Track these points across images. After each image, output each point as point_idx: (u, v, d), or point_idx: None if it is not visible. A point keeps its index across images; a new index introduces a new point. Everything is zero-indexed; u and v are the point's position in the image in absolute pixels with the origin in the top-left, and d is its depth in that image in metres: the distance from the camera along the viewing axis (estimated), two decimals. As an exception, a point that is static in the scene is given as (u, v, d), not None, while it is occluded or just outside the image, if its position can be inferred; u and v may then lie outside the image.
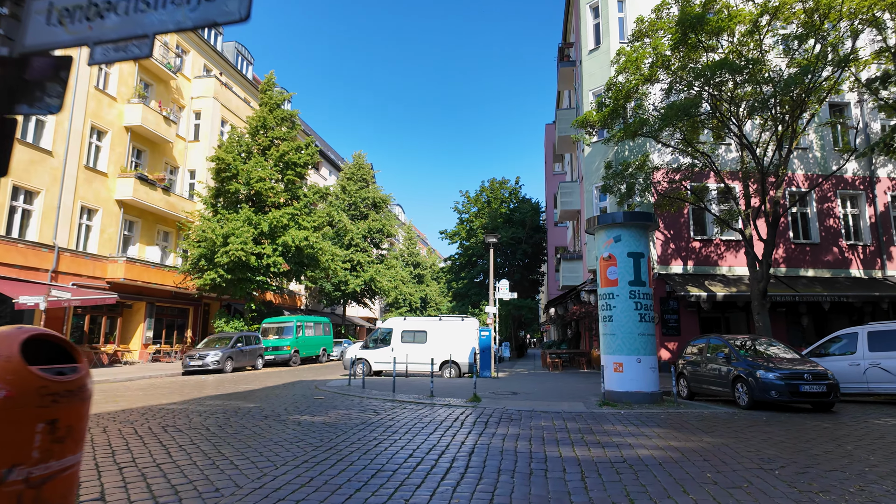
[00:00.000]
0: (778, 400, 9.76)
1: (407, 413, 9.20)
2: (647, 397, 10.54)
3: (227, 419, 8.40)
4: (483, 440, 6.80)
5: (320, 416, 8.73)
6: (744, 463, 5.66)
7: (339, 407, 9.96)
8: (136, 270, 23.35)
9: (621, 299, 10.93)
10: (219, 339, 21.92)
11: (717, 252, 19.19)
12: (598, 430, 7.64)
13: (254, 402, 10.65)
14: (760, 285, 14.98)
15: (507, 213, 37.62)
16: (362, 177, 41.92)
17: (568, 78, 27.21)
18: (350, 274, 36.71)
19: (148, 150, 25.80)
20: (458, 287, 39.50)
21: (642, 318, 10.85)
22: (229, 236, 23.04)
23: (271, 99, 27.58)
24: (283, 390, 13.38)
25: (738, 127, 14.52)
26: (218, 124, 29.58)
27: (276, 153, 26.40)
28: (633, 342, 10.71)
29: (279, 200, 26.43)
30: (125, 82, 24.25)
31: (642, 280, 11.02)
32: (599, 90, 19.34)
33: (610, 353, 10.93)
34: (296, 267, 26.62)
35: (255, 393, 12.67)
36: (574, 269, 24.52)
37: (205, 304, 29.36)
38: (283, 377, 18.20)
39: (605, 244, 11.34)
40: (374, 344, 18.84)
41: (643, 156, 16.08)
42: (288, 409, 9.70)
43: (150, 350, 24.99)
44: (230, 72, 33.05)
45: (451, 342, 18.07)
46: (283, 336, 25.64)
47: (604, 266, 11.30)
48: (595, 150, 19.89)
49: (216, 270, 23.44)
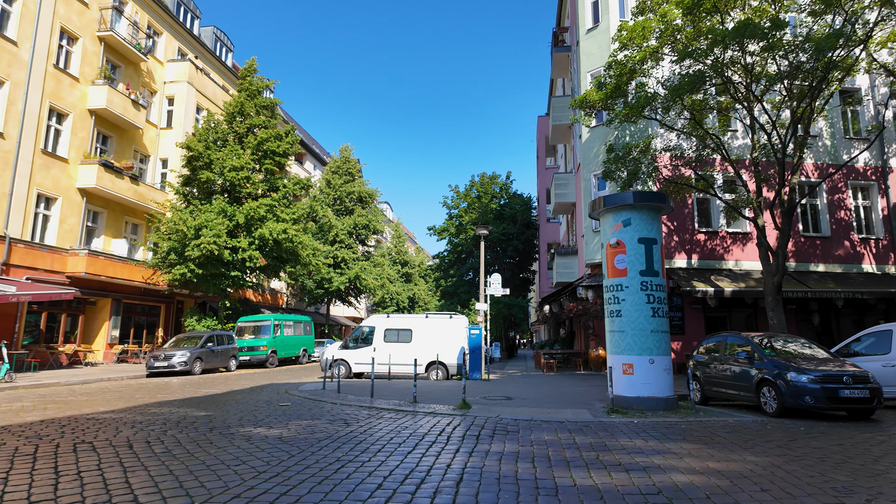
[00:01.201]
0: (813, 407, 8.46)
1: (384, 424, 7.76)
2: (661, 403, 9.20)
3: (163, 433, 6.92)
4: (475, 461, 5.39)
5: (278, 429, 7.26)
6: (815, 494, 4.32)
7: (305, 416, 8.50)
8: (100, 264, 21.64)
9: (631, 291, 9.58)
10: (188, 338, 20.31)
11: (723, 245, 17.97)
12: (615, 445, 6.27)
13: (207, 410, 9.15)
14: (775, 279, 13.76)
15: (498, 208, 36.27)
16: (348, 171, 40.33)
17: (562, 64, 25.91)
18: (334, 271, 35.11)
19: (115, 137, 24.07)
20: (446, 285, 38.07)
21: (655, 313, 9.51)
22: (201, 228, 21.42)
23: (251, 85, 25.95)
24: (248, 395, 11.87)
25: (757, 102, 13.23)
26: (193, 111, 27.89)
27: (254, 141, 24.81)
28: (645, 340, 9.37)
29: (257, 191, 24.83)
30: (89, 62, 22.53)
31: (655, 269, 9.69)
32: (598, 70, 18.05)
33: (618, 353, 9.58)
34: (274, 262, 25.02)
35: (215, 398, 11.16)
36: (569, 265, 23.23)
37: (178, 301, 27.65)
38: (254, 380, 16.66)
39: (612, 229, 9.98)
40: (354, 343, 17.35)
41: (647, 138, 14.77)
42: (243, 418, 8.22)
43: (115, 350, 23.27)
44: (207, 57, 31.35)
45: (439, 342, 16.65)
46: (260, 336, 24.05)
47: (611, 254, 9.95)
48: (594, 135, 18.57)
49: (187, 265, 21.80)
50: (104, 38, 23.08)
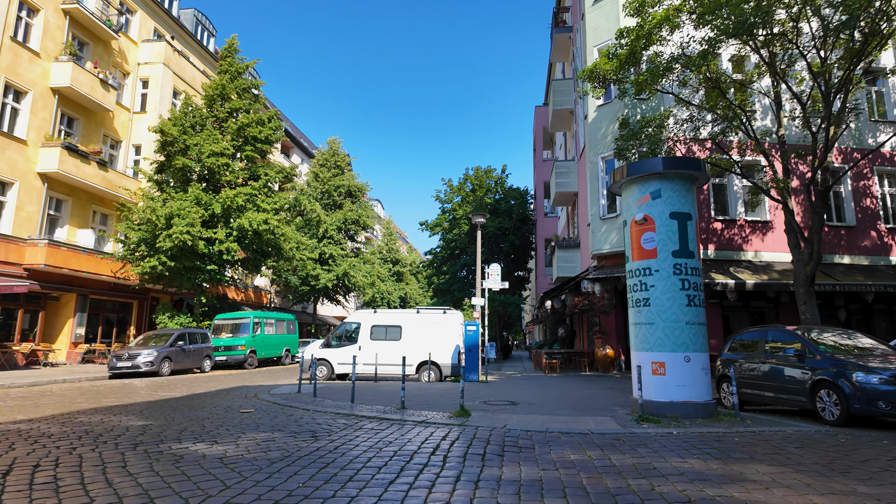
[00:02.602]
0: (888, 414, 6.95)
1: (362, 437, 6.14)
2: (699, 409, 7.64)
3: (72, 450, 5.26)
4: (484, 497, 3.79)
5: (224, 445, 5.62)
6: None
7: (266, 427, 6.86)
8: (62, 256, 19.82)
9: (662, 276, 8.03)
10: (156, 336, 18.56)
11: (741, 234, 16.51)
12: (667, 468, 4.69)
13: (148, 419, 7.47)
14: (808, 268, 12.28)
15: (493, 203, 34.67)
16: (336, 164, 38.59)
17: (563, 47, 24.43)
18: (321, 268, 33.35)
19: (82, 119, 22.25)
20: (439, 283, 36.39)
21: (691, 301, 7.96)
22: (172, 217, 19.67)
23: (231, 66, 24.24)
24: (209, 400, 10.19)
25: (790, 67, 11.75)
26: (169, 95, 26.10)
27: (234, 126, 23.09)
28: (680, 333, 7.81)
29: (237, 180, 23.10)
30: (51, 37, 20.72)
31: (690, 250, 8.14)
32: (606, 44, 16.53)
33: (646, 350, 8.01)
34: (254, 255, 23.30)
35: (168, 404, 9.47)
36: (570, 259, 21.70)
37: (152, 298, 25.83)
38: (225, 382, 14.96)
39: (638, 202, 8.42)
40: (337, 341, 15.67)
41: (665, 111, 13.25)
42: (187, 430, 6.57)
43: (80, 349, 21.44)
44: (187, 40, 29.56)
45: (431, 339, 15.03)
46: (238, 334, 22.29)
47: (636, 232, 8.39)
48: (601, 114, 17.04)
49: (157, 257, 20.06)
50: (69, 12, 21.28)
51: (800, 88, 14.00)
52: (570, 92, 22.64)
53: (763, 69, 13.30)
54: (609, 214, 16.44)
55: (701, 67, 11.88)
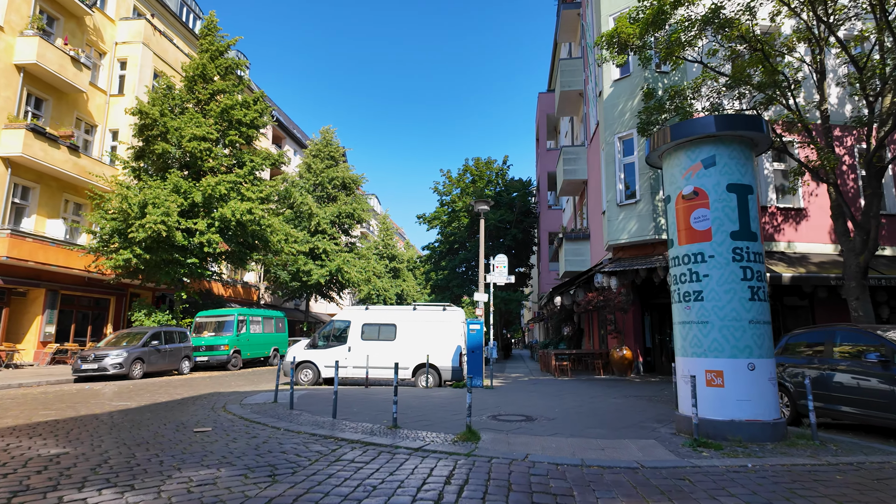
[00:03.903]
0: None
1: (336, 479, 4.54)
2: (767, 431, 6.07)
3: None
4: None
5: (141, 495, 4.01)
6: None
7: (216, 457, 5.25)
8: (28, 248, 18.16)
9: (718, 263, 6.45)
10: (129, 335, 16.94)
11: (772, 223, 14.93)
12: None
13: (67, 446, 5.85)
14: (861, 259, 10.74)
15: (494, 195, 33.04)
16: (330, 154, 36.86)
17: (571, 25, 22.79)
18: (313, 263, 31.68)
19: (51, 100, 20.55)
20: (437, 279, 34.80)
21: (754, 295, 6.39)
22: (147, 206, 18.01)
23: (212, 45, 22.55)
24: (165, 413, 8.57)
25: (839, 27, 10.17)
26: (149, 77, 24.38)
27: (217, 109, 21.42)
28: (742, 335, 6.24)
29: (220, 167, 21.43)
30: (16, 9, 19.00)
31: (752, 231, 6.57)
32: (623, 11, 14.90)
33: (698, 355, 6.43)
34: (238, 248, 21.66)
35: (113, 419, 7.85)
36: (580, 252, 20.12)
37: (132, 293, 24.17)
38: (199, 387, 13.35)
39: (686, 173, 6.83)
40: (324, 342, 14.04)
41: (698, 77, 11.63)
42: (106, 465, 4.95)
43: (49, 349, 19.78)
44: (170, 20, 27.83)
45: (430, 339, 13.43)
46: (222, 333, 20.68)
47: (684, 209, 6.80)
48: (618, 89, 15.41)
49: (131, 249, 18.40)
50: (36, -18, 19.58)
51: (840, 59, 12.41)
52: (578, 72, 21.02)
53: (805, 33, 11.71)
54: (627, 201, 14.84)
55: (742, 27, 10.28)
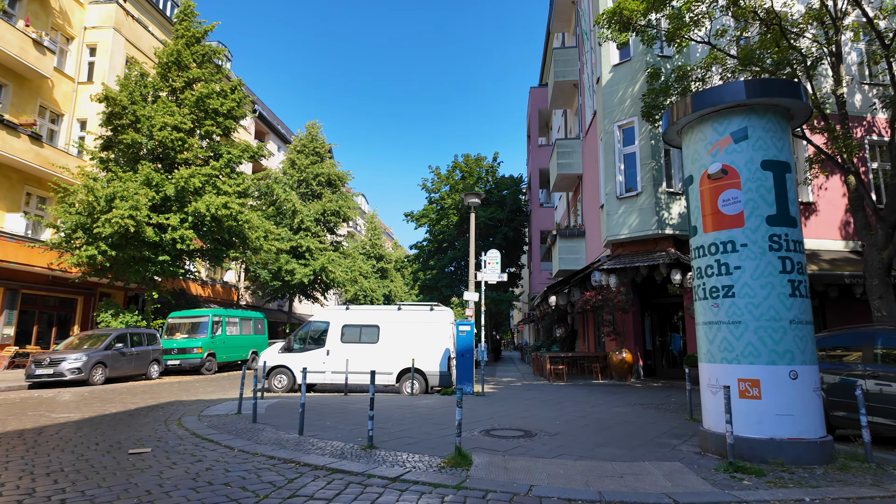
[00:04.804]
0: None
1: (286, 523, 3.47)
2: (813, 452, 5.10)
3: None
4: None
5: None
6: None
7: (141, 486, 4.15)
8: (-18, 244, 16.84)
9: (752, 252, 5.48)
10: (91, 337, 15.70)
11: (780, 218, 14.08)
12: None
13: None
14: (884, 254, 9.90)
15: (484, 192, 32.04)
16: (315, 150, 35.64)
17: (565, 13, 21.88)
18: (296, 262, 30.44)
19: (11, 86, 19.20)
20: (425, 279, 33.69)
21: (795, 290, 5.43)
22: (114, 199, 16.75)
23: (188, 31, 21.30)
24: (106, 428, 7.41)
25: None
26: (120, 64, 23.06)
27: (192, 98, 20.18)
28: (782, 337, 5.28)
29: (195, 159, 20.19)
30: (-28, -14, 17.70)
31: (791, 216, 5.63)
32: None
33: (728, 361, 5.45)
34: (214, 245, 20.43)
35: (42, 436, 6.70)
36: (574, 250, 19.18)
37: (101, 293, 22.80)
38: (162, 394, 12.16)
39: (712, 148, 5.86)
40: (300, 345, 12.89)
41: (709, 56, 10.70)
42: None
43: (8, 352, 18.41)
44: (144, 6, 26.44)
45: (416, 342, 12.37)
46: (196, 335, 19.44)
47: (710, 191, 5.83)
48: (618, 75, 14.46)
49: (96, 245, 17.14)
50: (-6, -41, 18.23)
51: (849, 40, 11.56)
52: (573, 61, 20.10)
53: (820, 12, 10.85)
54: (628, 193, 13.90)
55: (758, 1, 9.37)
